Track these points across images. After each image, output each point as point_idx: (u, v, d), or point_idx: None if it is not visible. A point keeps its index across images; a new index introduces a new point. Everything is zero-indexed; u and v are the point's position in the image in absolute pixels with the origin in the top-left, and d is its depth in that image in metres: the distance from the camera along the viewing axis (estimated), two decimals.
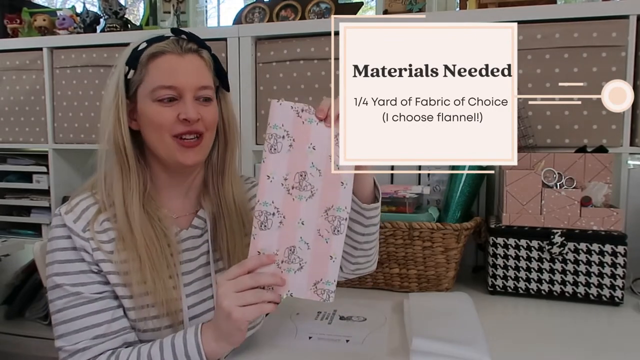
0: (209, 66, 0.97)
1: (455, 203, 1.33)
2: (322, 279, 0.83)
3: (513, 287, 1.24)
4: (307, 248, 0.83)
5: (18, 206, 1.99)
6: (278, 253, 0.83)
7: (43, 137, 1.87)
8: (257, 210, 0.82)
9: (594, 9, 1.37)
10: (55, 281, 0.90)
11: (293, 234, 0.83)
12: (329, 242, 0.83)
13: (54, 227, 0.93)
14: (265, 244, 0.83)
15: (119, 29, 1.86)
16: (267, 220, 0.82)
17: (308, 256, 0.83)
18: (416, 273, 1.29)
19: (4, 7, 2.02)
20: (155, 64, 0.92)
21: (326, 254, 0.83)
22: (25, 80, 1.87)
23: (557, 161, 1.27)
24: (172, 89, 0.91)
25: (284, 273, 0.82)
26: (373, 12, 2.81)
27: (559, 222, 1.22)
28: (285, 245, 0.83)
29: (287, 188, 0.83)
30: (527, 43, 1.40)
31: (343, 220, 0.83)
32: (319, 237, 0.83)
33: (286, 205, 0.83)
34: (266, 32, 1.64)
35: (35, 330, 1.92)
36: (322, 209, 0.83)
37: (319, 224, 0.83)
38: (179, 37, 0.95)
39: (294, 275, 0.83)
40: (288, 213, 0.83)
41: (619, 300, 1.18)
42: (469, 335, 0.96)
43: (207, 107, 0.95)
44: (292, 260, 0.83)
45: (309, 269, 0.83)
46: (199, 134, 0.94)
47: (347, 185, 0.84)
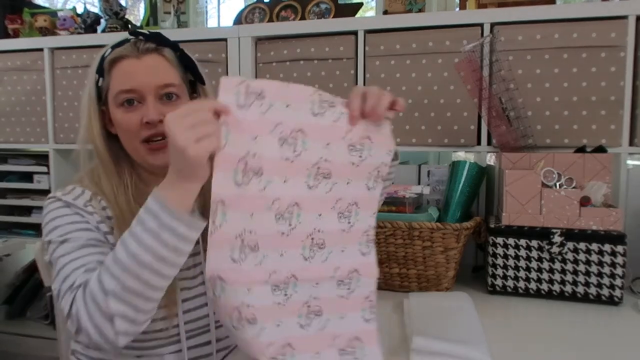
0: (172, 63, 0.96)
1: (455, 203, 1.34)
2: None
3: (513, 286, 1.24)
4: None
5: (19, 206, 1.99)
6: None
7: (44, 137, 1.88)
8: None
9: (593, 9, 1.37)
10: (51, 238, 0.88)
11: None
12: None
13: (50, 204, 0.92)
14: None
15: (119, 30, 1.87)
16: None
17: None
18: (416, 273, 1.29)
19: (5, 8, 2.02)
20: (116, 69, 0.94)
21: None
22: (26, 80, 1.88)
23: (556, 161, 1.27)
24: (131, 92, 0.92)
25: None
26: (373, 12, 2.81)
27: (559, 222, 1.22)
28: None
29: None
30: (526, 43, 1.40)
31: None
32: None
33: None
34: (266, 33, 1.64)
35: (37, 329, 1.92)
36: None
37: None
38: (137, 39, 0.95)
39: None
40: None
41: (618, 299, 1.18)
42: (469, 334, 0.96)
43: (173, 107, 0.92)
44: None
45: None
46: (165, 135, 0.93)
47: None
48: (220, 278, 0.70)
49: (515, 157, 1.31)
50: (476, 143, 1.48)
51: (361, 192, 0.83)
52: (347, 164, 0.81)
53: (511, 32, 1.41)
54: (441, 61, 1.48)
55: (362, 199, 0.84)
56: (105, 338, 0.76)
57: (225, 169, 0.70)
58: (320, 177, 0.79)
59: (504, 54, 1.41)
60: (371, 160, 0.83)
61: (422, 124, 1.51)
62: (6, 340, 1.92)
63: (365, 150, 0.82)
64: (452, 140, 1.49)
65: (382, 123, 0.83)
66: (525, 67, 1.41)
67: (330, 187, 0.80)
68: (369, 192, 0.84)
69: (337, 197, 0.81)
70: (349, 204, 0.82)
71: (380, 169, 0.84)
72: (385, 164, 0.85)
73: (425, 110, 1.50)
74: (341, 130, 0.80)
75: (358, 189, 0.83)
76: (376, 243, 0.88)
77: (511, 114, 1.40)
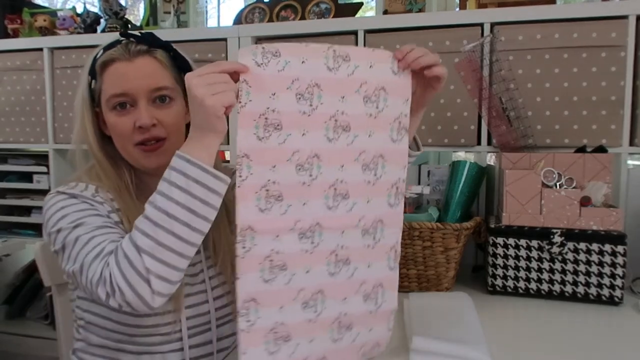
0: (164, 65, 0.95)
1: (455, 203, 1.34)
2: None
3: (513, 286, 1.24)
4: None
5: (19, 206, 1.99)
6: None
7: (43, 137, 1.87)
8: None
9: (594, 9, 1.37)
10: (61, 226, 0.86)
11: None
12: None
13: (53, 197, 0.91)
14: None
15: (119, 30, 1.86)
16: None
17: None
18: (416, 273, 1.29)
19: (4, 8, 2.02)
20: (107, 72, 0.93)
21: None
22: (26, 80, 1.87)
23: (556, 161, 1.27)
24: (123, 96, 0.92)
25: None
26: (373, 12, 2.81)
27: (559, 222, 1.22)
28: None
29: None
30: (526, 43, 1.40)
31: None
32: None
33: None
34: (266, 33, 1.64)
35: (36, 330, 1.92)
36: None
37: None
38: (129, 41, 0.94)
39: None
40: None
41: (619, 299, 1.18)
42: (468, 334, 0.96)
43: (166, 110, 0.94)
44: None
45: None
46: (159, 139, 0.93)
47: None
48: (250, 228, 0.75)
49: (515, 157, 1.31)
50: (476, 143, 1.48)
51: (386, 145, 0.86)
52: (363, 116, 0.83)
53: (511, 32, 1.41)
54: (441, 61, 1.47)
55: (388, 152, 0.86)
56: (142, 298, 0.75)
57: (248, 125, 0.74)
58: (339, 130, 0.82)
59: (504, 54, 1.41)
60: (388, 111, 0.85)
61: (422, 124, 1.50)
62: (6, 340, 1.92)
63: (380, 101, 0.84)
64: (452, 140, 1.49)
65: (401, 73, 0.86)
66: (525, 67, 1.41)
67: (351, 140, 0.83)
68: (394, 145, 0.87)
69: (360, 149, 0.84)
70: (374, 156, 0.85)
71: (401, 120, 0.87)
72: (404, 115, 0.87)
73: (426, 110, 1.50)
74: (355, 83, 0.82)
75: (382, 142, 0.86)
76: None
77: (511, 114, 1.40)
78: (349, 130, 0.82)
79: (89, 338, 0.96)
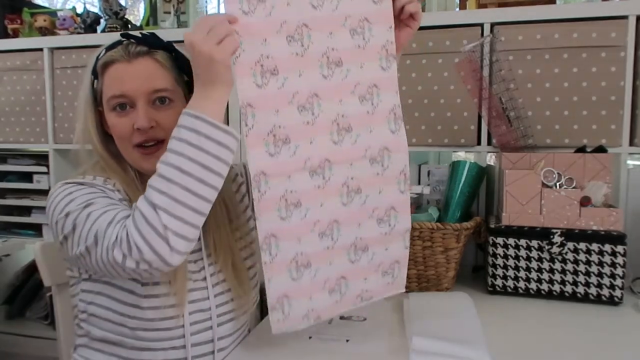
0: (165, 66, 0.95)
1: (455, 203, 1.34)
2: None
3: (513, 287, 1.24)
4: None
5: (19, 206, 1.99)
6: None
7: (43, 137, 1.87)
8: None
9: (593, 9, 1.37)
10: (69, 209, 0.85)
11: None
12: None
13: (60, 187, 0.90)
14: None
15: (119, 30, 1.86)
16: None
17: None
18: (416, 273, 1.29)
19: (4, 8, 2.02)
20: (107, 73, 0.93)
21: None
22: (26, 80, 1.87)
23: (556, 161, 1.27)
24: (122, 97, 0.92)
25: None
26: None
27: (559, 222, 1.22)
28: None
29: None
30: (526, 43, 1.40)
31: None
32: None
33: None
34: None
35: (36, 330, 1.92)
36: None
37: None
38: (129, 42, 0.94)
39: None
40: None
41: (619, 299, 1.18)
42: (468, 335, 0.96)
43: (165, 112, 0.93)
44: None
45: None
46: (158, 140, 0.93)
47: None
48: (263, 173, 0.80)
49: (515, 157, 1.31)
50: (476, 143, 1.48)
51: (378, 74, 0.90)
52: (353, 48, 0.87)
53: (511, 32, 1.41)
54: (441, 61, 1.48)
55: (380, 80, 0.90)
56: (161, 256, 0.75)
57: (245, 74, 0.77)
58: (332, 66, 0.85)
59: (504, 54, 1.41)
60: (375, 40, 0.89)
61: (422, 124, 1.51)
62: (6, 341, 1.92)
63: (366, 32, 0.88)
64: (452, 140, 1.49)
65: (382, 1, 0.89)
66: (525, 67, 1.41)
67: (345, 74, 0.86)
68: (384, 72, 0.90)
69: (355, 82, 0.87)
70: (368, 87, 0.89)
71: (387, 47, 0.90)
72: (390, 42, 0.90)
73: (425, 110, 1.50)
74: (341, 18, 0.85)
75: (373, 71, 0.89)
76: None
77: (511, 114, 1.40)
78: (342, 64, 0.86)
79: (91, 332, 0.96)
